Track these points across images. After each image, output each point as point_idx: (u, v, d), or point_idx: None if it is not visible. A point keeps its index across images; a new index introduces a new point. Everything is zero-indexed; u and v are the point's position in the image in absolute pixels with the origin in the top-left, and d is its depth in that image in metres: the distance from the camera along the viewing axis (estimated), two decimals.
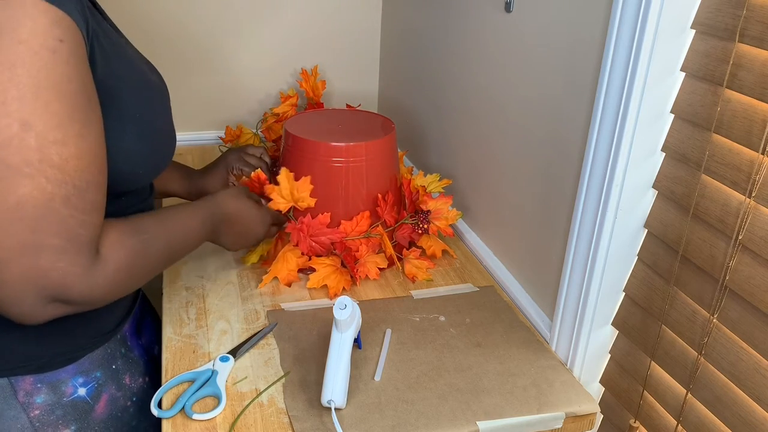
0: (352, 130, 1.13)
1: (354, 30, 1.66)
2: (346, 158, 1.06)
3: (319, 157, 1.07)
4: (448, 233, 1.16)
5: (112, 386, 0.84)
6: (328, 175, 1.07)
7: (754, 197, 0.69)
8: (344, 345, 0.82)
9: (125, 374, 0.86)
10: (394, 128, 1.14)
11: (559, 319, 0.95)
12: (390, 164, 1.12)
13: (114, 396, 0.84)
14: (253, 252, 1.11)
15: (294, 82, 1.65)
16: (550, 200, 0.99)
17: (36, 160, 0.60)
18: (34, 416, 0.78)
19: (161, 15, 1.50)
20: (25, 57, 0.59)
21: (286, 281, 1.06)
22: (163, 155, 0.82)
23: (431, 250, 1.16)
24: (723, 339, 0.74)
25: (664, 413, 0.84)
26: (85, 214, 0.65)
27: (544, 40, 0.96)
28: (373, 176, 1.09)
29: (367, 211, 1.10)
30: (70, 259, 0.64)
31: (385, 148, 1.10)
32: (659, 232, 0.83)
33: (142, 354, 0.92)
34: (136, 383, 0.88)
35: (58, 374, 0.79)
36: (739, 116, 0.70)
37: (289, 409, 0.83)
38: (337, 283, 1.05)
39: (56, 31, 0.60)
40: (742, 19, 0.68)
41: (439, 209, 1.16)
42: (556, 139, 0.96)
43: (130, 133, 0.73)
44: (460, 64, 1.24)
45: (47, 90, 0.60)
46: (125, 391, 0.86)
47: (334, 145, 1.06)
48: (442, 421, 0.82)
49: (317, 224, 1.06)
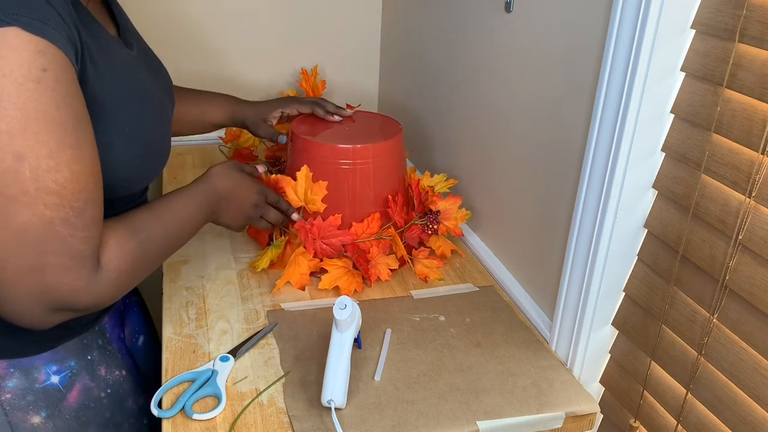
0: (359, 132, 1.13)
1: (354, 30, 1.66)
2: (353, 160, 1.06)
3: (325, 159, 1.06)
4: (457, 233, 1.16)
5: (86, 376, 0.84)
6: (335, 178, 1.07)
7: (754, 197, 0.69)
8: (344, 345, 0.82)
9: (101, 366, 0.87)
10: (401, 129, 1.14)
11: (559, 319, 0.95)
12: (398, 165, 1.12)
13: (87, 386, 0.85)
14: (263, 256, 1.09)
15: (294, 82, 1.65)
16: (550, 200, 0.99)
17: (33, 189, 0.63)
18: (5, 400, 0.79)
19: (161, 15, 1.50)
20: (11, 90, 0.61)
21: (299, 285, 1.06)
22: (152, 167, 0.85)
23: (440, 250, 1.16)
24: (723, 339, 0.74)
25: (664, 413, 0.84)
26: (86, 231, 0.67)
27: (544, 40, 0.96)
28: (380, 178, 1.09)
29: (378, 213, 1.10)
30: (75, 275, 0.67)
31: (392, 150, 1.10)
32: (659, 232, 0.83)
33: (122, 347, 0.92)
34: (111, 375, 0.88)
35: (32, 361, 0.80)
36: (739, 116, 0.70)
37: (289, 409, 0.83)
38: (349, 284, 1.05)
39: (40, 60, 0.62)
40: (742, 19, 0.68)
41: (449, 209, 1.16)
42: (556, 138, 0.96)
43: (119, 146, 0.75)
44: (460, 64, 1.24)
45: (36, 120, 0.62)
46: (99, 382, 0.86)
47: (341, 147, 1.06)
48: (442, 421, 0.82)
49: (328, 226, 1.06)
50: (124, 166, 0.77)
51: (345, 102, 1.69)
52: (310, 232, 1.05)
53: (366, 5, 1.64)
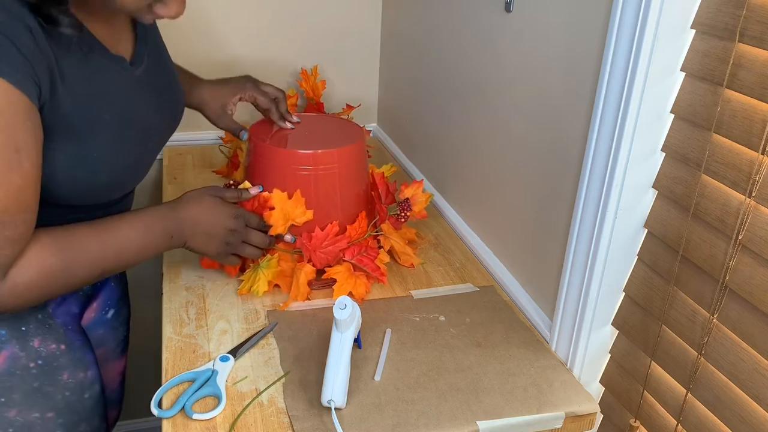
0: (320, 137, 1.10)
1: (354, 30, 1.66)
2: (314, 166, 1.04)
3: (285, 166, 1.03)
4: (423, 216, 1.17)
5: (15, 345, 0.86)
6: (296, 184, 1.03)
7: (754, 197, 0.69)
8: (344, 345, 0.82)
9: (35, 337, 0.88)
10: (363, 135, 1.12)
11: (559, 319, 0.95)
12: (361, 168, 1.11)
13: (15, 354, 0.86)
14: (256, 281, 1.03)
15: (294, 82, 1.65)
16: (550, 200, 0.99)
17: None
18: None
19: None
20: None
21: (303, 298, 1.04)
22: (122, 185, 0.90)
23: (408, 237, 1.19)
24: (723, 339, 0.74)
25: (664, 413, 0.84)
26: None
27: (544, 40, 0.96)
28: (346, 182, 1.07)
29: (364, 212, 1.10)
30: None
31: (354, 155, 1.08)
32: (659, 232, 0.83)
33: (69, 323, 0.93)
34: (47, 348, 0.89)
35: None
36: (739, 116, 0.70)
37: (289, 409, 0.83)
38: (360, 287, 1.05)
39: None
40: (742, 19, 0.68)
41: (415, 195, 1.16)
42: (556, 139, 0.96)
43: (83, 168, 0.80)
44: (460, 64, 1.24)
45: None
46: (30, 352, 0.87)
47: (302, 153, 1.03)
48: (442, 421, 0.82)
49: (325, 236, 1.04)
50: (87, 183, 0.82)
51: (345, 102, 1.70)
52: (309, 244, 1.04)
53: (366, 5, 1.64)
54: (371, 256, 1.07)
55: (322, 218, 1.05)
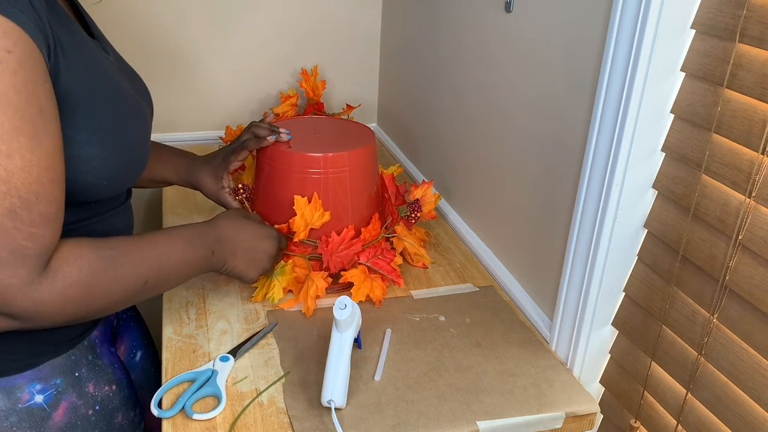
0: (331, 140, 1.10)
1: (354, 29, 1.66)
2: (324, 169, 1.03)
3: (295, 169, 1.03)
4: (432, 217, 1.17)
5: (72, 394, 0.80)
6: (306, 187, 1.03)
7: (754, 197, 0.69)
8: (344, 345, 0.82)
9: (89, 382, 0.83)
10: (372, 137, 1.12)
11: (559, 319, 0.95)
12: (371, 170, 1.10)
13: (74, 404, 0.80)
14: (271, 288, 1.02)
15: (294, 82, 1.65)
16: (550, 200, 0.99)
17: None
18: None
19: (161, 15, 1.50)
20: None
21: (310, 313, 1.02)
22: (131, 168, 0.81)
23: (418, 236, 1.18)
24: (723, 339, 0.74)
25: (664, 413, 0.84)
26: (33, 227, 0.63)
27: (544, 40, 0.96)
28: (356, 185, 1.06)
29: (377, 214, 1.09)
30: (11, 272, 0.63)
31: (364, 158, 1.07)
32: (659, 232, 0.83)
33: (114, 361, 0.89)
34: (101, 392, 0.84)
35: (14, 380, 0.76)
36: (739, 116, 0.70)
37: (289, 409, 0.83)
38: (377, 290, 1.04)
39: (4, 41, 0.59)
40: (742, 19, 0.68)
41: (425, 195, 1.16)
42: (556, 139, 0.96)
43: (95, 144, 0.72)
44: (460, 64, 1.24)
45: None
46: (87, 399, 0.82)
47: (312, 156, 1.02)
48: (442, 421, 0.82)
49: (341, 240, 1.04)
50: (101, 163, 0.73)
51: (345, 102, 1.70)
52: (326, 248, 1.03)
53: (366, 5, 1.64)
54: (387, 258, 1.07)
55: (332, 221, 1.05)
